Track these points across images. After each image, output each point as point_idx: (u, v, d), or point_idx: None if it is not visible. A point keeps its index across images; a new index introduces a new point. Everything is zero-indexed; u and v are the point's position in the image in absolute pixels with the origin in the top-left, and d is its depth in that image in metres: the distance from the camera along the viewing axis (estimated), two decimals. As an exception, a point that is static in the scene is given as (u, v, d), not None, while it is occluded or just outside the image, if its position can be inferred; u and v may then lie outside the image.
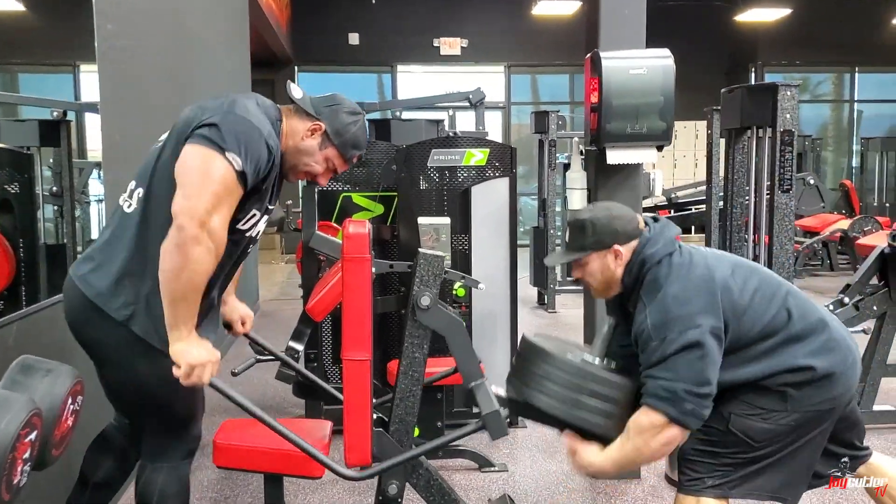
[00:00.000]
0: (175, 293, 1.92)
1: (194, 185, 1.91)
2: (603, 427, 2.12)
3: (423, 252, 2.31)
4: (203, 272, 1.92)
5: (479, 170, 4.10)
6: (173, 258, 1.89)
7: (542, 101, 13.59)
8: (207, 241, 1.90)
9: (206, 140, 1.95)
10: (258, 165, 2.00)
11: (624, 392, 2.13)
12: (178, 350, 1.95)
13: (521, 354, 2.31)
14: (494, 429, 2.24)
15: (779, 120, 3.74)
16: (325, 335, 4.25)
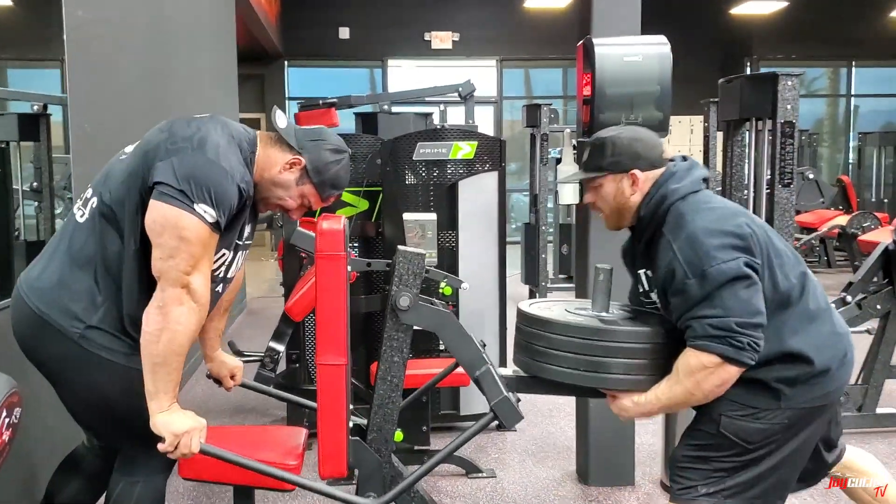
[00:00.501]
0: (155, 356, 1.82)
1: (170, 246, 1.83)
2: (631, 383, 2.03)
3: (403, 249, 2.16)
4: (185, 333, 1.83)
5: (466, 163, 3.95)
6: (154, 319, 1.83)
7: (535, 96, 13.45)
8: (190, 302, 1.84)
9: (173, 198, 1.84)
10: (231, 209, 1.91)
11: (645, 339, 2.04)
12: (161, 421, 1.85)
13: (520, 328, 2.19)
14: (507, 416, 2.11)
15: (779, 111, 3.58)
16: (307, 335, 4.09)
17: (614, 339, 2.04)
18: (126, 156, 2.00)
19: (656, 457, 3.67)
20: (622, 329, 2.07)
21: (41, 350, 1.96)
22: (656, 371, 2.04)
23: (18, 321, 1.97)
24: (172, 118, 2.01)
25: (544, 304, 2.33)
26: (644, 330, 2.07)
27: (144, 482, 2.03)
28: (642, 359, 2.04)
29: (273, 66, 12.87)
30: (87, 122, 3.25)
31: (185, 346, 1.84)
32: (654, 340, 2.05)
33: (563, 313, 2.19)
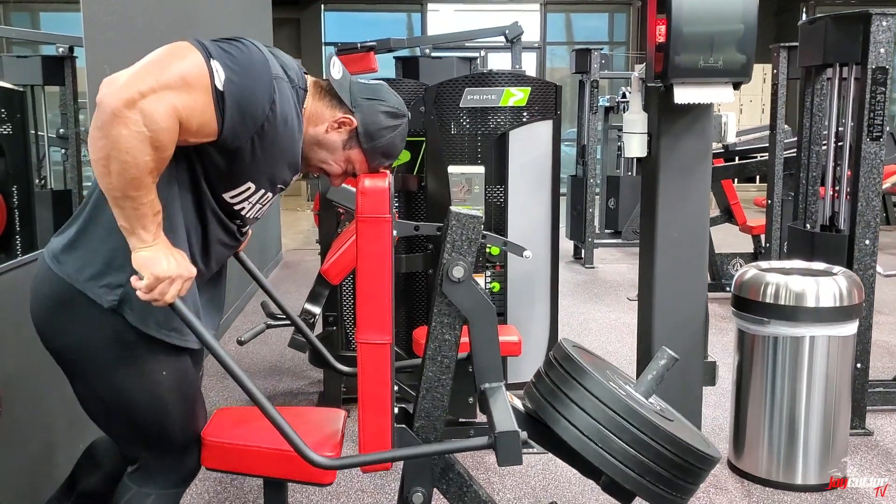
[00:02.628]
0: (113, 190, 1.49)
1: (143, 62, 1.48)
2: (641, 488, 1.74)
3: (456, 211, 1.86)
4: (135, 163, 1.46)
5: (517, 111, 3.63)
6: (97, 145, 1.46)
7: (578, 42, 12.92)
8: (138, 124, 1.43)
9: (193, 41, 1.53)
10: (248, 102, 1.56)
11: (677, 452, 1.74)
12: (143, 257, 1.54)
13: (552, 364, 1.90)
14: (507, 453, 1.73)
15: (871, 55, 3.20)
16: (345, 296, 3.85)
17: (637, 424, 1.74)
18: None
19: (722, 433, 3.39)
20: (648, 420, 1.75)
21: (61, 337, 1.70)
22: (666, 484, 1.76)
23: (39, 295, 1.71)
24: None
25: (589, 357, 2.03)
26: (668, 432, 1.75)
27: (158, 496, 1.79)
28: (656, 463, 1.74)
29: (309, 10, 12.50)
30: (106, 63, 2.98)
31: (141, 179, 1.48)
32: (675, 450, 1.75)
33: (603, 374, 1.89)
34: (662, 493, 1.76)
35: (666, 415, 1.92)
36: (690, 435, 1.87)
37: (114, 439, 1.90)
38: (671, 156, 2.93)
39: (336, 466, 1.78)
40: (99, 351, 1.68)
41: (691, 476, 1.79)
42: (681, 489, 1.78)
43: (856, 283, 2.92)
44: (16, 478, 2.30)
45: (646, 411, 1.77)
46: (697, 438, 1.89)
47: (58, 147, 5.76)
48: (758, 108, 11.49)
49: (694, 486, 1.81)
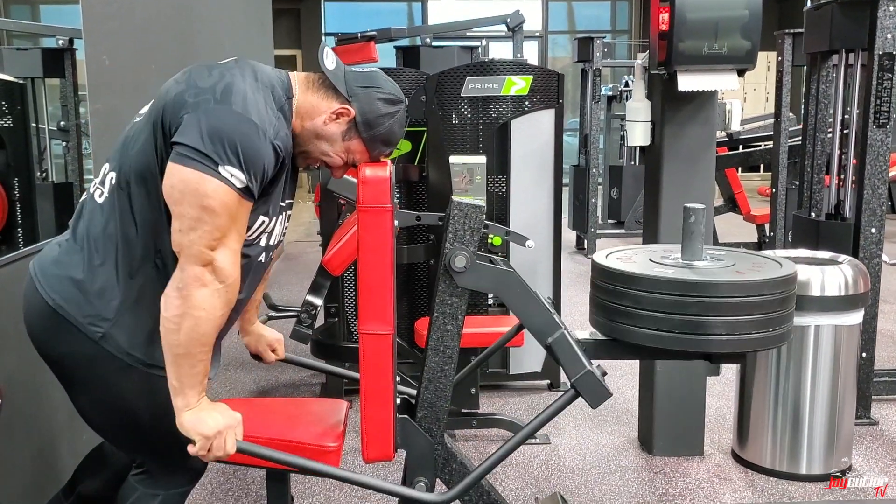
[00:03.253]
0: (176, 347, 1.53)
1: (190, 217, 1.52)
2: (737, 344, 1.73)
3: (458, 201, 1.84)
4: (210, 319, 1.54)
5: (519, 101, 3.60)
6: (174, 304, 1.53)
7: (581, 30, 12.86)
8: (214, 283, 1.54)
9: (193, 160, 1.52)
10: (264, 173, 1.58)
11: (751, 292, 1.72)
12: (188, 421, 1.58)
13: (597, 285, 1.88)
14: (592, 394, 1.76)
15: (878, 41, 3.17)
16: (347, 287, 3.83)
17: (714, 293, 1.72)
18: (141, 117, 1.69)
19: (726, 422, 3.38)
20: (723, 281, 1.75)
21: (55, 347, 1.69)
22: (768, 327, 1.74)
23: (31, 311, 1.70)
24: (191, 66, 1.69)
25: (623, 254, 2.01)
26: (748, 280, 1.75)
27: (164, 497, 1.78)
28: (750, 314, 1.73)
29: (309, 1, 12.45)
30: (105, 54, 2.95)
31: (209, 334, 1.55)
32: (762, 292, 1.73)
33: (647, 265, 1.87)
34: (769, 335, 1.75)
35: (727, 261, 1.90)
36: (760, 265, 1.85)
37: (116, 446, 1.89)
38: (675, 144, 2.90)
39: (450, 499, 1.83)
40: (95, 360, 1.66)
41: (784, 303, 1.76)
42: (781, 320, 1.76)
43: (861, 271, 2.90)
44: (18, 472, 2.29)
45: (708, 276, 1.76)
46: (768, 264, 1.87)
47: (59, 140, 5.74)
48: (762, 97, 11.43)
49: (791, 308, 1.79)
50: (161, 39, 3.50)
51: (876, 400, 3.48)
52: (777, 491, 2.83)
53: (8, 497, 2.21)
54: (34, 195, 4.15)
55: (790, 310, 1.80)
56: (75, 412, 1.80)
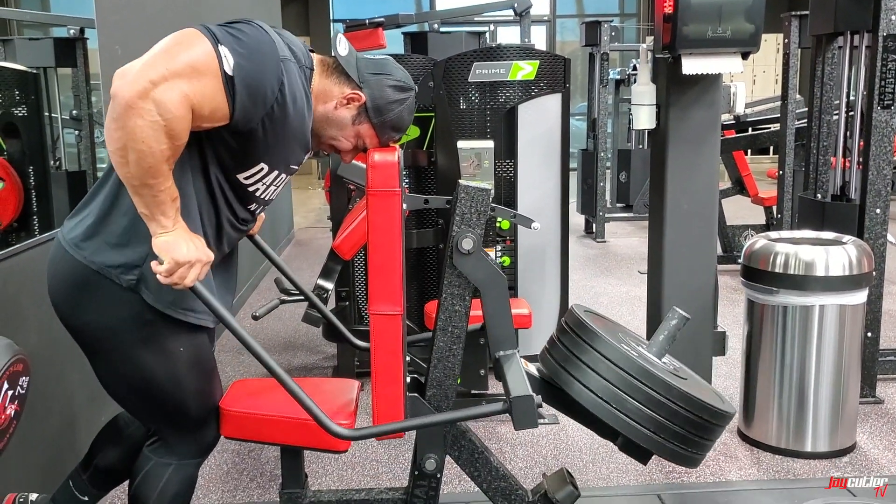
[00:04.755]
0: (132, 179, 1.53)
1: (152, 52, 1.52)
2: (657, 446, 1.77)
3: (465, 184, 1.89)
4: (151, 152, 1.49)
5: (526, 85, 3.63)
6: (113, 136, 1.49)
7: (589, 14, 12.82)
8: (152, 114, 1.47)
9: (199, 27, 1.56)
10: (257, 85, 1.58)
11: (691, 409, 1.76)
12: (162, 242, 1.58)
13: (565, 330, 1.92)
14: (522, 417, 1.79)
15: (882, 22, 3.18)
16: (357, 271, 3.88)
17: (651, 385, 1.76)
18: None
19: (732, 402, 3.40)
20: (663, 379, 1.77)
21: (80, 315, 1.74)
22: (682, 442, 1.78)
23: (57, 278, 1.75)
24: None
25: (600, 321, 2.05)
26: (683, 390, 1.77)
27: (177, 466, 1.84)
28: (672, 421, 1.76)
29: (317, -14, 12.45)
30: (117, 44, 3.01)
31: (158, 166, 1.51)
32: (689, 406, 1.77)
33: (615, 337, 1.91)
34: (679, 449, 1.79)
35: (680, 373, 1.94)
36: (704, 392, 1.89)
37: (133, 414, 1.95)
38: (680, 127, 2.93)
39: (353, 437, 1.83)
40: (118, 328, 1.72)
41: (706, 432, 1.81)
42: (697, 445, 1.81)
43: (866, 251, 2.93)
44: (39, 449, 2.36)
45: (658, 371, 1.80)
46: (711, 395, 1.91)
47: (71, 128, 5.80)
48: (771, 79, 11.38)
49: (710, 441, 1.84)
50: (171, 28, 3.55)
51: (881, 379, 3.51)
52: (782, 468, 2.88)
53: (29, 475, 2.28)
54: (49, 183, 4.22)
55: (708, 440, 1.83)
56: (95, 394, 1.86)
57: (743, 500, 2.70)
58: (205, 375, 1.86)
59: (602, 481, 2.81)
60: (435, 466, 2.02)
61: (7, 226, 3.71)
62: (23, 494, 1.99)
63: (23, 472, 2.23)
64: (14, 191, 3.88)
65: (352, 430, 1.83)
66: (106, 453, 2.02)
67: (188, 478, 1.87)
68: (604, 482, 2.80)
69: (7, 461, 1.50)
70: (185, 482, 1.86)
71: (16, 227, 3.90)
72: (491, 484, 2.06)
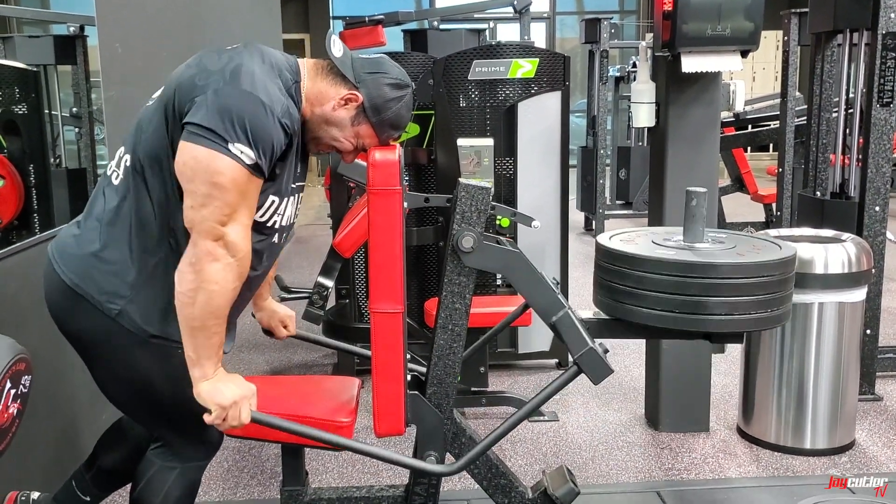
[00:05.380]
0: (192, 320, 1.60)
1: (201, 194, 1.58)
2: (737, 324, 1.79)
3: (465, 183, 1.89)
4: (223, 293, 1.60)
5: (526, 83, 3.64)
6: (187, 278, 1.59)
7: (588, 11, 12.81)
8: (226, 257, 1.60)
9: (204, 138, 1.58)
10: (273, 150, 1.63)
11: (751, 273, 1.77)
12: (205, 391, 1.65)
13: (601, 266, 1.94)
14: (594, 370, 1.83)
15: (881, 20, 3.19)
16: (358, 269, 3.89)
17: (714, 274, 1.77)
18: (153, 101, 1.74)
19: (731, 399, 3.43)
20: (723, 263, 1.80)
21: (74, 324, 1.75)
22: (767, 307, 1.79)
23: (50, 290, 1.77)
24: (201, 51, 1.75)
25: (626, 236, 2.06)
26: (748, 262, 1.80)
27: (182, 469, 1.84)
28: (748, 295, 1.78)
29: (316, -16, 12.44)
30: (117, 42, 3.00)
31: (223, 307, 1.61)
32: (761, 274, 1.79)
33: (650, 246, 1.92)
34: (766, 315, 1.81)
35: (728, 242, 1.95)
36: (760, 248, 1.91)
37: (134, 419, 1.96)
38: (679, 125, 2.94)
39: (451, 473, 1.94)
40: (114, 335, 1.72)
41: (786, 284, 1.83)
42: (781, 301, 1.82)
43: (865, 249, 2.93)
44: (41, 448, 2.37)
45: (715, 257, 1.82)
46: (767, 247, 1.92)
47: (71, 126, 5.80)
48: (771, 76, 11.38)
49: (791, 291, 1.85)
50: (172, 26, 3.55)
51: (880, 376, 3.52)
52: (781, 465, 2.89)
53: (31, 474, 2.28)
54: (49, 181, 4.23)
55: (788, 291, 1.85)
56: (96, 392, 1.86)
57: (742, 497, 2.71)
58: None
59: (602, 478, 2.82)
60: (435, 463, 2.02)
61: (8, 223, 3.72)
62: (24, 493, 1.99)
63: (24, 471, 2.24)
64: (14, 188, 3.89)
65: (446, 465, 1.94)
66: (109, 454, 2.02)
67: (192, 481, 1.88)
68: (603, 479, 2.81)
69: (9, 460, 1.51)
70: (189, 486, 1.87)
71: (16, 225, 3.91)
72: (491, 481, 2.06)
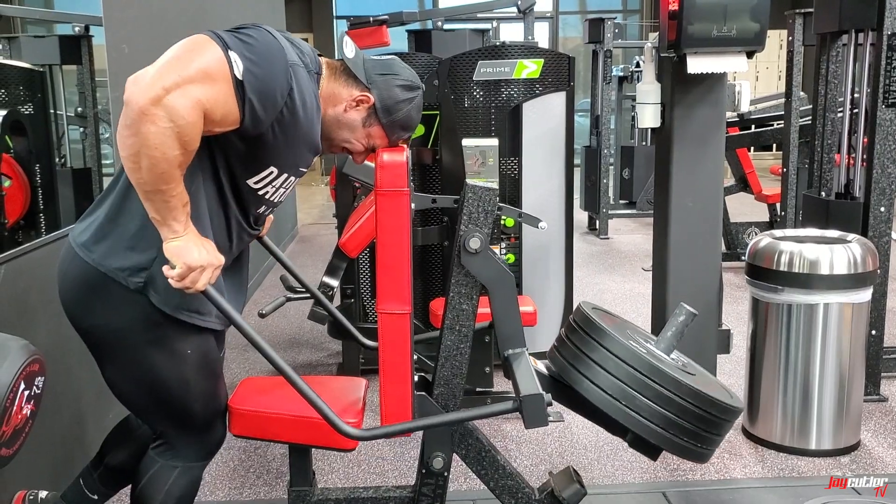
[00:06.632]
0: (144, 185, 1.54)
1: (164, 58, 1.53)
2: (667, 442, 1.79)
3: (472, 184, 1.90)
4: (164, 158, 1.50)
5: (531, 83, 3.64)
6: (127, 142, 1.51)
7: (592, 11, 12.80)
8: (164, 120, 1.48)
9: (209, 33, 1.57)
10: (267, 90, 1.59)
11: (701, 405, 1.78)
12: (174, 247, 1.60)
13: (572, 328, 1.94)
14: (532, 415, 1.81)
15: (886, 21, 3.19)
16: (362, 268, 3.90)
17: (660, 381, 1.78)
18: None
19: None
20: (672, 376, 1.79)
21: (88, 318, 1.76)
22: (691, 437, 1.80)
23: (67, 280, 1.76)
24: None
25: (608, 318, 2.06)
26: (691, 386, 1.79)
27: (183, 468, 1.86)
28: (681, 417, 1.78)
29: (320, -17, 12.44)
30: (124, 42, 3.01)
31: (170, 173, 1.53)
32: (700, 404, 1.78)
33: (623, 334, 1.92)
34: (688, 445, 1.80)
35: (688, 369, 1.95)
36: (713, 387, 1.90)
37: (139, 416, 1.97)
38: (685, 126, 2.94)
39: (363, 437, 1.84)
40: (127, 331, 1.73)
41: (715, 427, 1.82)
42: (706, 440, 1.82)
43: (870, 249, 2.93)
44: (49, 447, 2.38)
45: (667, 367, 1.81)
46: (720, 390, 1.93)
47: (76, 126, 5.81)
48: (774, 76, 11.36)
49: (719, 436, 1.85)
50: (177, 26, 3.56)
51: (885, 377, 3.52)
52: (787, 466, 2.89)
53: (38, 473, 2.29)
54: (55, 181, 4.23)
55: (717, 436, 1.84)
56: (103, 391, 1.87)
57: (747, 497, 2.71)
58: (212, 378, 1.87)
59: (607, 479, 2.82)
60: (442, 465, 2.03)
61: (14, 223, 3.73)
62: (33, 492, 2.00)
63: (32, 470, 2.24)
64: (21, 188, 3.90)
65: (361, 430, 1.84)
66: (117, 452, 2.04)
67: (193, 480, 1.89)
68: (609, 480, 2.81)
69: (17, 459, 1.52)
70: (190, 484, 1.88)
71: (23, 225, 3.92)
72: (498, 482, 2.07)
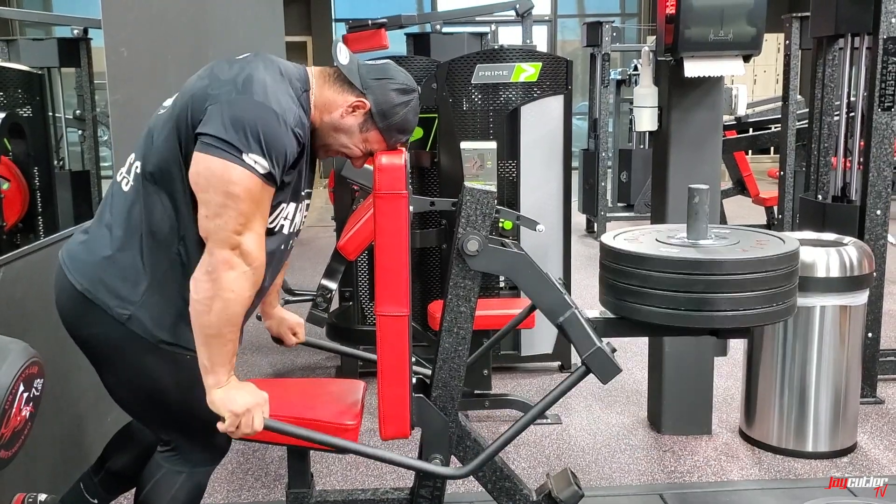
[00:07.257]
0: (207, 328, 1.62)
1: (216, 203, 1.60)
2: (742, 319, 1.81)
3: (470, 187, 1.91)
4: (239, 301, 1.62)
5: (529, 87, 3.65)
6: (204, 287, 1.61)
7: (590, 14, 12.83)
8: (242, 265, 1.62)
9: (217, 149, 1.59)
10: (285, 159, 1.65)
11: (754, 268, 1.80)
12: (218, 398, 1.67)
13: (606, 266, 1.96)
14: (602, 370, 1.83)
15: (882, 25, 3.20)
16: (361, 271, 3.90)
17: (718, 271, 1.79)
18: (165, 110, 1.76)
19: (733, 402, 3.44)
20: (726, 259, 1.81)
21: (84, 329, 1.77)
22: (772, 302, 1.81)
23: (60, 295, 1.79)
24: (212, 62, 1.77)
25: (630, 235, 2.08)
26: (751, 258, 1.81)
27: (189, 474, 1.86)
28: (753, 290, 1.80)
29: (318, -14, 12.45)
30: (123, 45, 3.02)
31: (239, 314, 1.63)
32: (766, 268, 1.80)
33: (654, 245, 1.94)
34: (773, 310, 1.82)
35: (731, 238, 1.97)
36: (761, 243, 1.92)
37: (143, 423, 1.97)
38: (682, 129, 2.95)
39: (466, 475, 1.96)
40: (124, 340, 1.74)
41: (788, 279, 1.84)
42: (785, 295, 1.84)
43: (866, 252, 2.95)
44: (47, 452, 2.38)
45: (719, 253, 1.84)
46: (771, 241, 1.94)
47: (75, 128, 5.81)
48: (772, 79, 11.37)
49: (794, 284, 1.87)
50: (176, 29, 3.57)
51: (882, 379, 3.53)
52: (783, 468, 2.90)
53: (37, 476, 2.29)
54: (54, 184, 4.24)
55: (794, 284, 1.87)
56: (102, 394, 1.88)
57: (744, 499, 2.72)
58: None
59: (605, 481, 2.83)
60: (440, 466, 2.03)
61: (13, 226, 3.73)
62: (31, 495, 2.00)
63: (31, 473, 2.25)
64: (19, 191, 3.90)
65: (457, 468, 1.94)
66: (119, 457, 2.04)
67: (199, 485, 1.89)
68: (607, 482, 2.82)
69: (15, 462, 1.52)
70: (195, 490, 1.88)
71: (21, 228, 3.93)
72: (496, 484, 2.07)
